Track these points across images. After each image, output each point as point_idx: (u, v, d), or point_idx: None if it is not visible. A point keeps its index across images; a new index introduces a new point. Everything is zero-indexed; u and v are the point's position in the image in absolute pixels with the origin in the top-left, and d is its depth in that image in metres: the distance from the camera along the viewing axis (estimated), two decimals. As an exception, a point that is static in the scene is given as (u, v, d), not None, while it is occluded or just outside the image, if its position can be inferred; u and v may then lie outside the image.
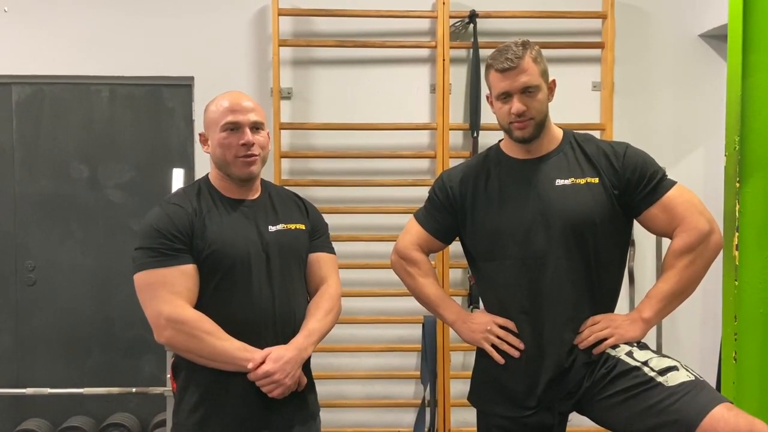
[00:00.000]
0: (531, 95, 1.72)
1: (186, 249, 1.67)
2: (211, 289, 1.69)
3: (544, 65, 1.76)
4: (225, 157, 1.72)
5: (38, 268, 3.28)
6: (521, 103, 1.71)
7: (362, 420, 3.23)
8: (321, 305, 1.81)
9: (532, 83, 1.71)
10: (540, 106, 1.74)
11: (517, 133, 1.75)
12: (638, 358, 1.65)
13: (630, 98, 3.23)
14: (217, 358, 1.65)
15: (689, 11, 3.23)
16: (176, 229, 1.67)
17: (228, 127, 1.71)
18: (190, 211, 1.70)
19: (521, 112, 1.72)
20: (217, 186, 1.79)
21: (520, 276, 1.75)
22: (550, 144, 1.80)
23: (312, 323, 1.76)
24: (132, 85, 3.27)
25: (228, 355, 1.64)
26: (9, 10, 3.14)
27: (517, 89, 1.71)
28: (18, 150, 3.27)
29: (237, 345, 1.65)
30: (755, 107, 1.74)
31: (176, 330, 1.63)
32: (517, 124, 1.74)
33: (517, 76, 1.71)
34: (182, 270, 1.65)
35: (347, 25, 3.17)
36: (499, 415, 1.79)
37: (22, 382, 3.19)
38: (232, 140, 1.71)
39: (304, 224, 1.84)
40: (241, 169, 1.73)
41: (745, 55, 1.74)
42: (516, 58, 1.70)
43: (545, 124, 1.78)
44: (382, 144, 3.19)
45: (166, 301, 1.63)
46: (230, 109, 1.72)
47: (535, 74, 1.72)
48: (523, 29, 3.15)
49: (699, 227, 1.68)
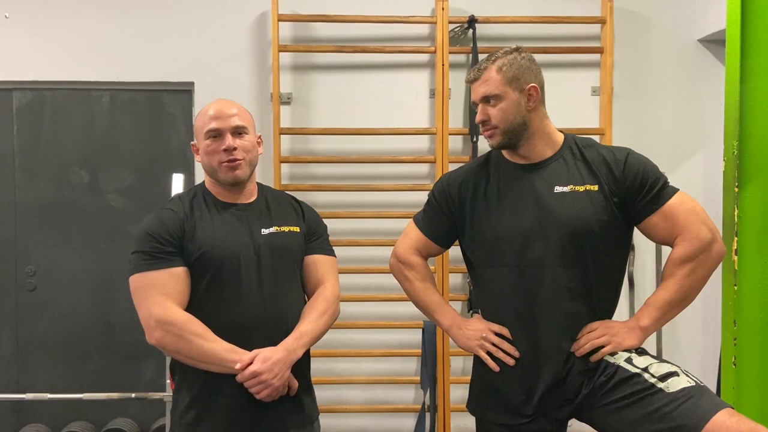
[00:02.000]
0: (493, 104, 1.74)
1: (177, 252, 1.70)
2: (201, 290, 1.71)
3: (517, 73, 1.73)
4: (211, 164, 1.77)
5: (38, 274, 3.28)
6: (481, 113, 1.76)
7: (362, 425, 3.22)
8: (315, 307, 1.81)
9: (489, 93, 1.74)
10: (503, 115, 1.73)
11: (488, 141, 1.80)
12: (638, 364, 1.64)
13: (629, 103, 3.23)
14: (206, 359, 1.66)
15: (688, 16, 3.24)
16: (167, 233, 1.70)
17: (211, 135, 1.75)
18: (181, 216, 1.73)
19: (481, 120, 1.77)
20: (212, 191, 1.82)
21: (518, 284, 1.74)
22: (549, 149, 1.78)
23: (304, 325, 1.76)
24: (132, 91, 3.28)
25: (216, 356, 1.65)
26: (10, 16, 3.15)
27: (478, 99, 1.77)
28: (19, 155, 3.27)
29: (225, 346, 1.66)
30: (753, 112, 1.75)
31: (165, 331, 1.66)
32: (485, 133, 1.78)
33: (478, 86, 1.76)
34: (172, 272, 1.68)
35: (347, 30, 3.18)
36: (497, 423, 1.78)
37: (22, 388, 3.19)
38: (215, 147, 1.75)
39: (298, 227, 1.85)
40: (225, 174, 1.76)
41: (744, 60, 1.75)
42: (478, 70, 1.76)
43: (523, 131, 1.75)
44: (381, 149, 3.20)
45: (157, 302, 1.66)
46: (212, 117, 1.76)
47: (494, 84, 1.73)
48: (522, 34, 3.16)
49: (701, 236, 1.65)
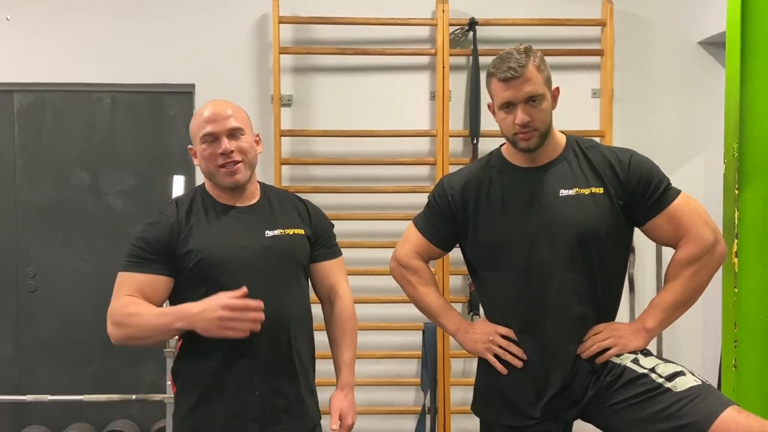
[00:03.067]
0: (535, 105, 1.65)
1: (158, 259, 1.68)
2: (201, 295, 1.65)
3: (548, 72, 1.70)
4: (209, 168, 1.73)
5: (39, 275, 3.28)
6: (525, 113, 1.65)
7: (363, 427, 3.18)
8: (346, 330, 1.85)
9: (536, 92, 1.65)
10: (544, 116, 1.68)
11: (521, 144, 1.70)
12: (644, 365, 1.64)
13: (629, 105, 3.23)
14: (149, 334, 1.63)
15: (688, 19, 3.24)
16: (153, 239, 1.68)
17: (206, 139, 1.71)
18: (173, 222, 1.70)
19: (525, 122, 1.65)
20: (211, 193, 1.78)
21: (524, 288, 1.72)
22: (553, 152, 1.76)
23: (348, 354, 1.84)
24: (133, 93, 3.28)
25: (152, 327, 1.62)
26: (11, 17, 3.15)
27: (521, 99, 1.65)
28: (19, 157, 3.27)
29: (154, 311, 1.63)
30: (753, 114, 1.75)
31: (112, 324, 1.65)
32: (522, 135, 1.68)
33: (520, 85, 1.64)
34: (145, 277, 1.67)
35: (347, 32, 3.18)
36: (504, 425, 1.77)
37: (22, 389, 3.19)
38: (211, 151, 1.71)
39: (303, 229, 1.81)
40: (224, 179, 1.72)
41: (744, 63, 1.75)
42: (519, 67, 1.63)
43: (549, 133, 1.73)
44: (382, 151, 3.20)
45: (114, 300, 1.66)
46: (207, 120, 1.71)
47: (539, 83, 1.65)
48: (522, 37, 3.15)
49: (704, 238, 1.66)
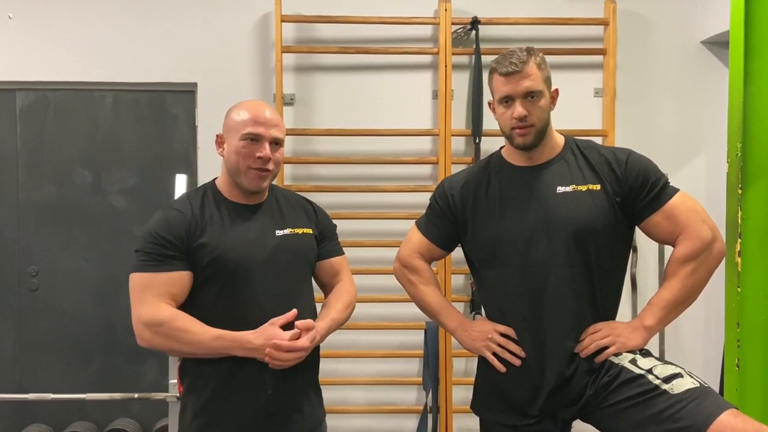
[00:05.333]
0: (533, 101, 1.71)
1: (179, 256, 1.67)
2: (214, 293, 1.68)
3: (548, 72, 1.76)
4: (238, 165, 1.72)
5: (41, 274, 3.28)
6: (523, 107, 1.70)
7: (364, 426, 3.22)
8: (340, 298, 1.84)
9: (535, 89, 1.71)
10: (541, 113, 1.73)
11: (518, 140, 1.74)
12: (642, 365, 1.64)
13: (632, 105, 3.23)
14: (198, 352, 1.65)
15: (691, 18, 3.23)
16: (172, 236, 1.67)
17: (248, 137, 1.70)
18: (189, 218, 1.70)
19: (522, 116, 1.70)
20: (223, 191, 1.78)
21: (522, 284, 1.74)
22: (551, 151, 1.79)
23: (333, 314, 1.80)
24: (135, 92, 3.28)
25: (206, 347, 1.63)
26: (13, 16, 3.15)
27: (520, 93, 1.71)
28: (22, 156, 3.28)
29: (213, 334, 1.63)
30: (757, 114, 1.74)
31: (154, 333, 1.64)
32: (519, 131, 1.73)
33: (520, 80, 1.70)
34: (171, 276, 1.66)
35: (350, 31, 3.18)
36: (502, 423, 1.78)
37: (24, 388, 3.20)
38: (249, 151, 1.70)
39: (311, 228, 1.85)
40: (251, 182, 1.73)
41: (747, 62, 1.74)
42: (520, 63, 1.70)
43: (546, 132, 1.77)
44: (384, 150, 3.20)
45: (146, 304, 1.64)
46: (254, 120, 1.71)
47: (538, 80, 1.71)
48: (525, 36, 3.15)
49: (702, 235, 1.67)
